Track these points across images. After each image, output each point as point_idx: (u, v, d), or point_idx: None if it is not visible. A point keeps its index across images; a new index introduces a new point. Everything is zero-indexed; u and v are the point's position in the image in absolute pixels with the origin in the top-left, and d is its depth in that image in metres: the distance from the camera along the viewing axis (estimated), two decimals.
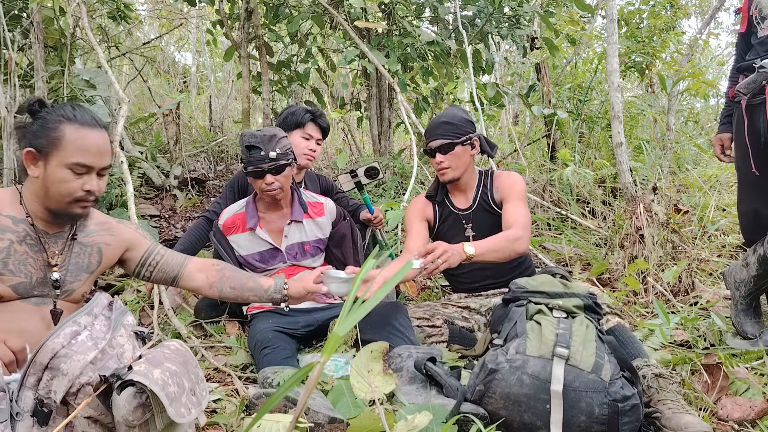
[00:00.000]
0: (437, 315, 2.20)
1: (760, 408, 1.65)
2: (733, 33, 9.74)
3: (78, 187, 1.49)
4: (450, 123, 2.25)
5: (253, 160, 2.18)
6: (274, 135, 2.20)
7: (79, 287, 1.62)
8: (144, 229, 1.82)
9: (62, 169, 1.47)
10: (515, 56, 6.70)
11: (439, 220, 2.39)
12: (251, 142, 2.18)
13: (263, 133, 2.21)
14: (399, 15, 4.27)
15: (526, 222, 2.14)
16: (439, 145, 2.25)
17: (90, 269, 1.64)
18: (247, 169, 2.21)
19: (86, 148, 1.48)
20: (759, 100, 2.03)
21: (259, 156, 2.17)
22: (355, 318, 0.75)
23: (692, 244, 3.37)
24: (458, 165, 2.27)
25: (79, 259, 1.62)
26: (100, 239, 1.67)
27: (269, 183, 2.21)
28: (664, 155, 5.16)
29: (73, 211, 1.53)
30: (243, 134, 2.25)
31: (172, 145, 4.74)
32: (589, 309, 1.71)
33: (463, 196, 2.37)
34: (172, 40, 8.83)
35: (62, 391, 1.18)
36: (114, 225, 1.72)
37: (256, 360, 2.05)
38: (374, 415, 1.41)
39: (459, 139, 2.24)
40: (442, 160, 2.25)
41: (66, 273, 1.58)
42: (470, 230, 2.33)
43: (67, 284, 1.58)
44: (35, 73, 3.36)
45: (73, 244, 1.60)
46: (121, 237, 1.71)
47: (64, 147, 1.46)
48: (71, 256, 1.60)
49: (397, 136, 6.34)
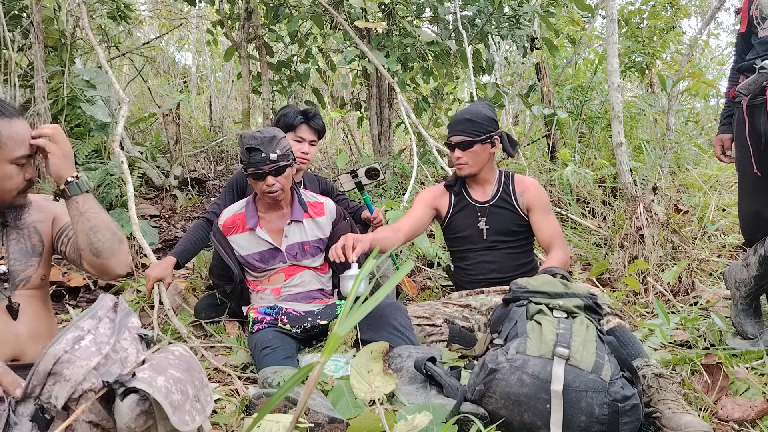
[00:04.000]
0: (437, 314, 2.20)
1: (760, 408, 1.65)
2: (733, 33, 9.73)
3: (22, 179, 1.51)
4: (472, 120, 2.31)
5: (254, 162, 2.17)
6: (274, 136, 2.19)
7: (34, 272, 1.59)
8: None
9: (6, 165, 1.47)
10: (515, 56, 6.70)
11: (453, 210, 2.44)
12: (251, 144, 2.17)
13: (263, 134, 2.19)
14: (399, 15, 4.27)
15: (562, 235, 2.37)
16: (459, 142, 2.31)
17: (37, 251, 1.61)
18: (248, 171, 2.21)
19: (23, 139, 1.49)
20: (760, 101, 2.02)
21: (260, 158, 2.16)
22: (355, 318, 0.75)
23: (692, 244, 3.37)
24: (476, 162, 2.34)
25: (21, 245, 1.59)
26: (31, 219, 1.63)
27: (270, 185, 2.21)
28: (664, 155, 5.16)
29: (17, 203, 1.54)
30: (242, 136, 2.23)
31: (172, 145, 4.74)
32: (590, 309, 1.71)
33: (482, 189, 2.43)
34: (172, 40, 8.83)
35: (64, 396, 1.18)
36: (41, 203, 1.69)
37: (256, 360, 2.05)
38: (374, 416, 1.41)
39: (479, 137, 2.30)
40: (461, 156, 2.33)
41: (12, 262, 1.55)
42: (483, 223, 2.38)
43: (19, 273, 1.55)
44: (35, 73, 3.36)
45: (8, 231, 1.58)
46: (49, 211, 1.67)
47: (4, 143, 1.45)
48: (11, 244, 1.57)
49: (397, 136, 6.34)
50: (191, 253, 2.60)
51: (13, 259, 1.56)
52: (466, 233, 2.40)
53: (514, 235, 2.38)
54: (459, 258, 2.46)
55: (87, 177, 3.32)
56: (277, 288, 2.31)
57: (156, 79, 7.53)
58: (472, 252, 2.40)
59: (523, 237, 2.40)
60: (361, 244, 2.01)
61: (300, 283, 2.32)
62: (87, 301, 2.83)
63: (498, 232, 2.37)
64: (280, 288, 2.31)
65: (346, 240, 2.02)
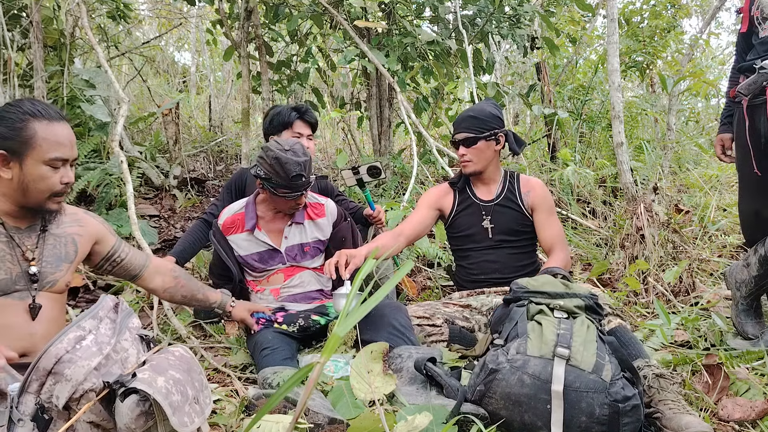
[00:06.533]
0: (438, 314, 2.20)
1: (761, 408, 1.65)
2: (734, 32, 9.72)
3: (57, 182, 1.52)
4: (476, 117, 2.32)
5: (297, 187, 2.15)
6: (308, 159, 2.16)
7: (62, 277, 1.62)
8: (109, 224, 1.83)
9: (40, 166, 1.49)
10: (516, 56, 6.69)
11: (457, 209, 2.44)
12: (297, 171, 2.12)
13: (299, 158, 2.13)
14: (399, 14, 4.27)
15: (564, 237, 2.37)
16: (463, 138, 2.33)
17: (69, 259, 1.65)
18: (288, 195, 2.17)
19: (60, 141, 1.51)
20: (760, 101, 2.02)
21: (302, 182, 2.15)
22: (355, 318, 0.75)
23: (693, 244, 3.37)
24: (480, 159, 2.34)
25: (56, 250, 1.62)
26: (72, 230, 1.67)
27: (300, 202, 2.23)
28: (664, 155, 5.16)
29: (50, 207, 1.55)
30: (280, 159, 2.11)
31: (172, 145, 4.73)
32: (591, 310, 1.70)
33: (486, 188, 2.42)
34: (172, 39, 8.82)
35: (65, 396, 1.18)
36: (82, 216, 1.73)
37: (256, 360, 2.04)
38: (374, 416, 1.40)
39: (483, 134, 2.31)
40: (465, 153, 2.34)
41: (44, 265, 1.58)
42: (488, 222, 2.38)
43: (48, 276, 1.58)
44: (35, 73, 3.36)
45: (46, 236, 1.61)
46: (90, 230, 1.72)
47: (39, 144, 1.48)
48: (47, 248, 1.60)
49: (397, 136, 6.33)
50: (190, 254, 2.60)
51: (45, 262, 1.59)
52: (470, 232, 2.40)
53: (518, 235, 2.38)
54: (462, 257, 2.45)
55: (88, 179, 3.31)
56: (276, 288, 2.31)
57: (155, 78, 7.53)
58: (475, 251, 2.39)
59: (527, 237, 2.40)
60: (354, 261, 2.01)
61: (299, 283, 2.32)
62: (86, 301, 2.83)
63: (503, 231, 2.37)
64: (279, 288, 2.31)
65: (339, 257, 2.01)
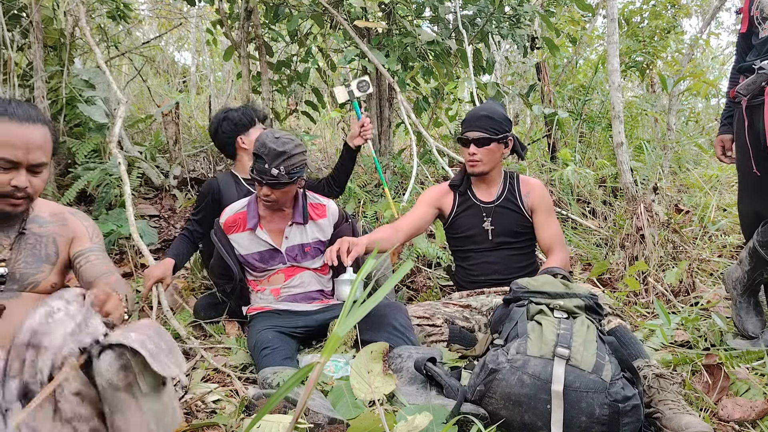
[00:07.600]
0: (438, 314, 2.20)
1: (761, 408, 1.65)
2: (734, 32, 9.73)
3: (5, 182, 1.47)
4: (491, 118, 2.30)
5: (256, 169, 2.18)
6: (283, 152, 2.14)
7: (44, 278, 1.59)
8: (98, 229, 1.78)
9: None
10: (516, 56, 6.69)
11: (457, 210, 2.43)
12: (260, 152, 2.15)
13: (274, 146, 2.14)
14: (399, 14, 4.26)
15: (563, 238, 2.37)
16: (477, 138, 2.29)
17: (50, 260, 1.62)
18: (253, 177, 2.22)
19: (11, 142, 1.45)
20: (759, 101, 2.02)
21: (261, 168, 2.16)
22: (355, 318, 0.75)
23: (693, 244, 3.37)
24: (489, 160, 2.32)
25: (36, 251, 1.59)
26: (53, 230, 1.65)
27: (265, 194, 2.22)
28: (664, 155, 5.15)
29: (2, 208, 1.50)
30: (262, 135, 2.20)
31: (172, 145, 4.73)
32: (591, 310, 1.70)
33: (487, 189, 2.42)
34: (172, 39, 8.82)
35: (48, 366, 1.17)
36: (67, 217, 1.69)
37: (256, 360, 2.04)
38: (374, 416, 1.40)
39: (497, 135, 2.30)
40: (476, 152, 2.30)
41: (23, 265, 1.56)
42: (489, 224, 2.37)
43: (28, 277, 1.56)
44: (34, 73, 3.36)
45: (27, 236, 1.58)
46: (70, 228, 1.68)
47: None
48: (26, 248, 1.58)
49: (397, 136, 6.32)
50: (185, 257, 2.59)
51: (24, 263, 1.56)
52: (470, 233, 2.40)
53: (518, 237, 2.38)
54: (461, 258, 2.45)
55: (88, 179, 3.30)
56: (276, 288, 2.31)
57: (155, 78, 7.52)
58: (475, 252, 2.39)
59: (527, 238, 2.40)
60: (356, 248, 2.00)
61: (300, 283, 2.32)
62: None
63: (503, 233, 2.36)
64: (280, 288, 2.31)
65: (341, 243, 2.00)
